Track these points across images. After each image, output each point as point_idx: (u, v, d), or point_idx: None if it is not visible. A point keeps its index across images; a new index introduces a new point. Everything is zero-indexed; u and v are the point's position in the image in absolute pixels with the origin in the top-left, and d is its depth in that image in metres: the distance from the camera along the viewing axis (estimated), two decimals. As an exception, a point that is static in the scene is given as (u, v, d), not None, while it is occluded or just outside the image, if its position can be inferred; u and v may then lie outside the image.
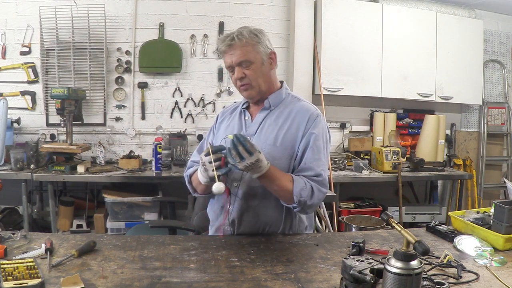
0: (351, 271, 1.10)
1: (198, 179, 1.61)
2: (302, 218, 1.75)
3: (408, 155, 3.87)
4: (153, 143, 3.41)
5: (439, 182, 4.42)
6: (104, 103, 3.78)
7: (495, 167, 4.71)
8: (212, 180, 1.47)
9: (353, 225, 2.79)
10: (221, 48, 1.64)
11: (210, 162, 1.44)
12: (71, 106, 3.23)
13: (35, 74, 3.68)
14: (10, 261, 1.26)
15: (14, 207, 3.55)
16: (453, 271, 1.34)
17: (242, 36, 1.61)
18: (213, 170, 1.43)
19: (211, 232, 1.82)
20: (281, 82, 1.79)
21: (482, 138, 4.59)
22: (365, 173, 3.60)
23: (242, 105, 1.79)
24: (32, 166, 3.19)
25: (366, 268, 1.09)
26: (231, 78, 1.69)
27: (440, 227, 1.75)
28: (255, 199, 1.64)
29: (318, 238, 1.67)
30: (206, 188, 1.64)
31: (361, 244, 1.37)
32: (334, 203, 3.39)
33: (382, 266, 1.07)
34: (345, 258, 1.16)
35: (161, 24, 3.80)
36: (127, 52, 3.79)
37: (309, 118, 1.66)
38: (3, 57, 3.64)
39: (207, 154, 1.46)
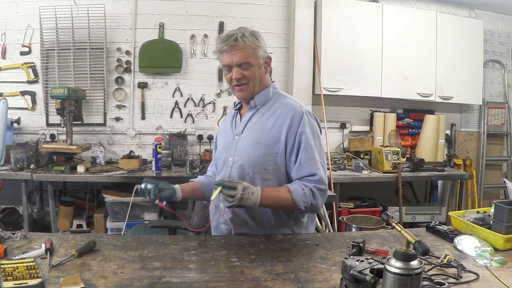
0: (351, 271, 1.10)
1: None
2: (300, 218, 1.75)
3: (408, 155, 3.87)
4: (153, 143, 3.41)
5: (439, 182, 4.41)
6: (104, 103, 3.78)
7: (495, 167, 4.71)
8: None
9: (353, 225, 2.79)
10: (222, 48, 1.65)
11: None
12: (71, 106, 3.23)
13: (35, 74, 3.68)
14: (10, 261, 1.26)
15: (14, 207, 3.55)
16: (453, 271, 1.34)
17: (246, 38, 1.64)
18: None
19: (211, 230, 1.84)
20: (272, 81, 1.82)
21: (482, 138, 4.59)
22: (365, 173, 3.60)
23: (235, 107, 1.84)
24: (32, 166, 3.19)
25: (366, 268, 1.09)
26: (225, 76, 1.72)
27: (440, 227, 1.75)
28: None
29: (318, 238, 1.67)
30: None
31: (361, 244, 1.36)
32: (334, 203, 3.39)
33: (382, 266, 1.07)
34: (345, 258, 1.16)
35: (161, 24, 3.80)
36: (127, 52, 3.79)
37: (293, 115, 1.66)
38: (3, 57, 3.64)
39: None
